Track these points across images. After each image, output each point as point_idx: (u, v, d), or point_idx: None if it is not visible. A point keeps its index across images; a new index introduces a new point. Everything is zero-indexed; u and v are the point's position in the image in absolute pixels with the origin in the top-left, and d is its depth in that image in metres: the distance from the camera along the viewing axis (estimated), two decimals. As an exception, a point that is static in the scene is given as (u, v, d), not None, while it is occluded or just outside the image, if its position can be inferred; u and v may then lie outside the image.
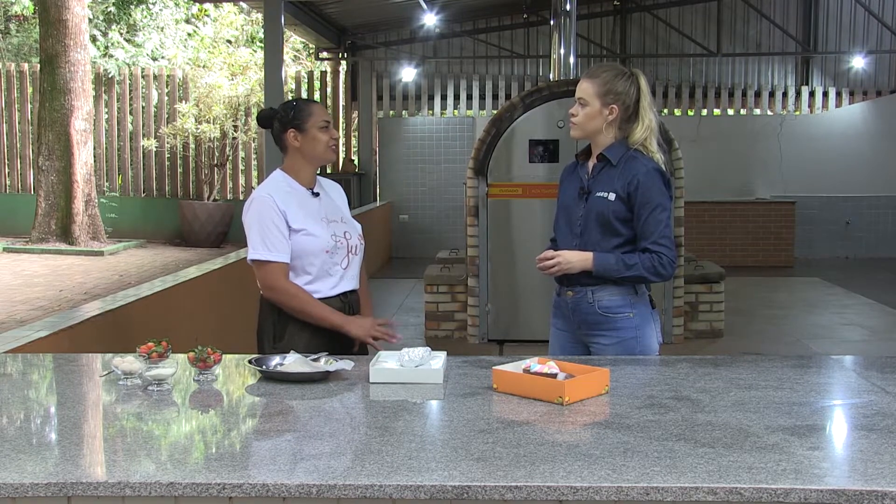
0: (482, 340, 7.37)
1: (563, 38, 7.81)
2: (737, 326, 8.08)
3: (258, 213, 3.14)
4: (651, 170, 3.09)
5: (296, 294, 3.13)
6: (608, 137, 3.15)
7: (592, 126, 3.13)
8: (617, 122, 3.13)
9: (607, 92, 3.09)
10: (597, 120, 3.12)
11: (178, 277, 5.48)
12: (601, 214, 3.09)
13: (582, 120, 3.14)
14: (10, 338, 3.62)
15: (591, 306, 3.14)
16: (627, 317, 3.13)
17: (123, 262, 12.84)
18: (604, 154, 3.14)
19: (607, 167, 3.14)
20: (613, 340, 3.13)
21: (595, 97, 3.10)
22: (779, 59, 14.83)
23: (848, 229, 13.67)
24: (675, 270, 3.13)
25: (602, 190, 3.11)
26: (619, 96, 3.10)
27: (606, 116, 3.11)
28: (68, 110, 13.73)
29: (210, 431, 2.25)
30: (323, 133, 3.22)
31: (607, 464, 1.89)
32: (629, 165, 3.10)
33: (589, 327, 3.17)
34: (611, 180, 3.11)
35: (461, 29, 14.85)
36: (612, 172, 3.11)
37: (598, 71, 3.16)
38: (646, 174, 3.07)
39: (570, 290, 3.19)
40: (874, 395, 2.47)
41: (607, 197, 3.09)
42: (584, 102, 3.13)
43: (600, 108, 3.11)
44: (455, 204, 13.42)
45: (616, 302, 3.12)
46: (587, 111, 3.12)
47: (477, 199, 7.30)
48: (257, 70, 14.39)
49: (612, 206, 3.08)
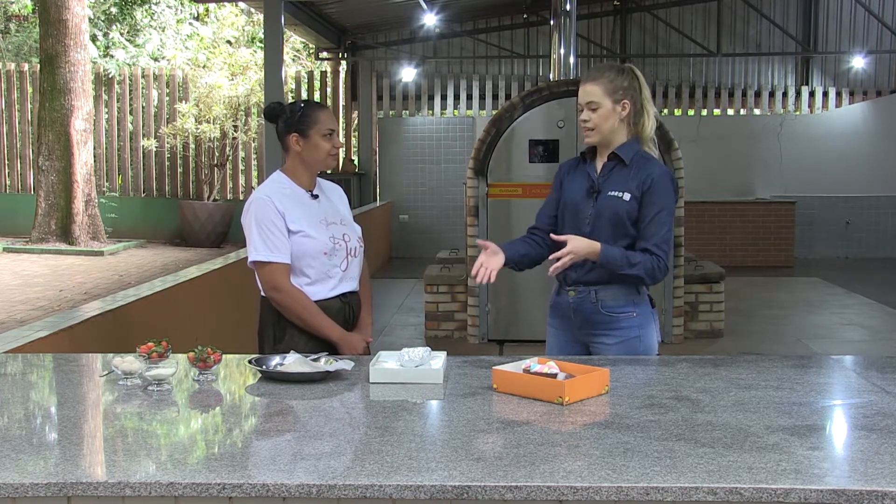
0: (482, 340, 7.37)
1: (563, 38, 7.81)
2: (737, 326, 8.08)
3: (257, 214, 3.13)
4: (665, 172, 3.09)
5: (299, 300, 3.12)
6: (621, 136, 3.12)
7: (608, 126, 3.09)
8: (628, 118, 3.10)
9: (616, 89, 3.07)
10: (612, 119, 3.09)
11: (178, 277, 5.47)
12: (616, 214, 3.06)
13: (598, 122, 3.09)
14: (10, 338, 3.61)
15: (594, 306, 3.12)
16: (630, 316, 3.12)
17: (123, 262, 12.84)
18: (616, 153, 3.11)
19: (619, 166, 3.11)
20: (617, 340, 3.11)
21: (605, 96, 3.07)
22: (779, 59, 14.83)
23: (848, 229, 13.67)
24: (665, 276, 3.11)
25: (615, 189, 3.08)
26: (628, 91, 3.08)
27: (620, 113, 3.08)
28: (68, 110, 13.73)
29: (210, 431, 2.25)
30: (325, 141, 3.19)
31: (607, 464, 1.89)
32: (643, 166, 3.08)
33: (591, 327, 3.15)
34: (624, 180, 3.08)
35: (461, 29, 14.85)
36: (625, 172, 3.09)
37: (599, 72, 3.13)
38: (660, 176, 3.06)
39: (571, 289, 3.17)
40: (874, 395, 2.47)
41: (622, 197, 3.06)
42: (594, 106, 3.08)
43: (612, 106, 3.07)
44: (455, 204, 13.42)
45: (619, 302, 3.11)
46: (601, 112, 3.08)
47: (477, 199, 7.30)
48: (257, 70, 14.39)
49: (626, 206, 3.06)
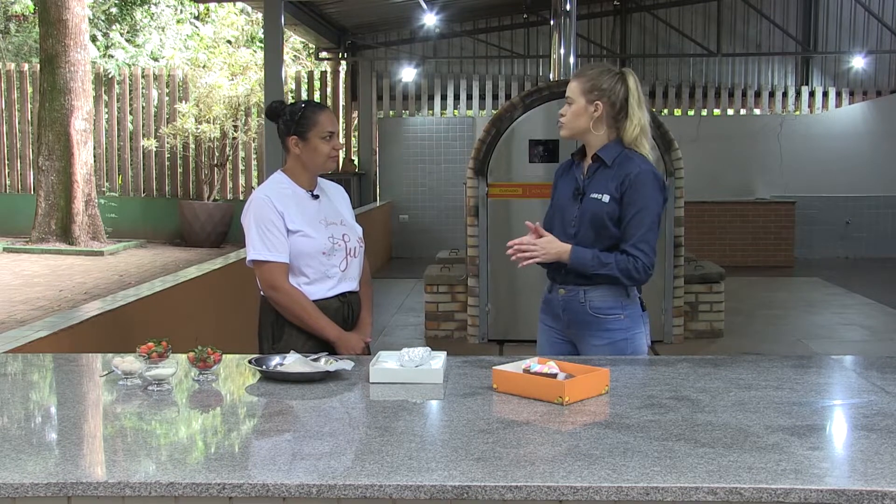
0: (482, 340, 7.38)
1: (563, 38, 7.80)
2: (737, 326, 8.07)
3: (256, 214, 3.14)
4: (644, 171, 3.05)
5: (297, 299, 3.13)
6: (601, 137, 3.11)
7: (578, 124, 3.10)
8: (605, 119, 3.09)
9: (592, 88, 3.07)
10: (583, 118, 3.09)
11: (177, 277, 5.48)
12: (596, 216, 3.06)
13: (568, 118, 3.12)
14: (10, 338, 3.62)
15: (582, 306, 3.11)
16: (618, 318, 3.10)
17: (123, 262, 12.84)
18: (598, 154, 3.12)
19: (602, 168, 3.11)
20: (604, 342, 3.09)
21: (580, 94, 3.08)
22: (779, 59, 14.83)
23: (848, 229, 13.67)
24: (649, 276, 3.06)
25: (596, 192, 3.08)
26: (605, 93, 3.06)
27: (592, 113, 3.08)
28: (68, 110, 13.72)
29: (210, 431, 2.25)
30: (325, 143, 3.19)
31: (607, 464, 1.89)
32: (623, 166, 3.07)
33: (579, 327, 3.14)
34: (605, 182, 3.08)
35: (461, 29, 14.85)
36: (607, 173, 3.09)
37: (585, 69, 3.15)
38: (638, 174, 3.04)
39: (562, 287, 3.16)
40: (874, 395, 2.47)
41: (601, 199, 3.06)
42: (570, 101, 3.11)
43: (585, 104, 3.08)
44: (455, 204, 13.42)
45: (608, 303, 3.09)
46: (573, 109, 3.10)
47: (477, 199, 7.31)
48: (257, 70, 14.39)
49: (606, 207, 3.05)
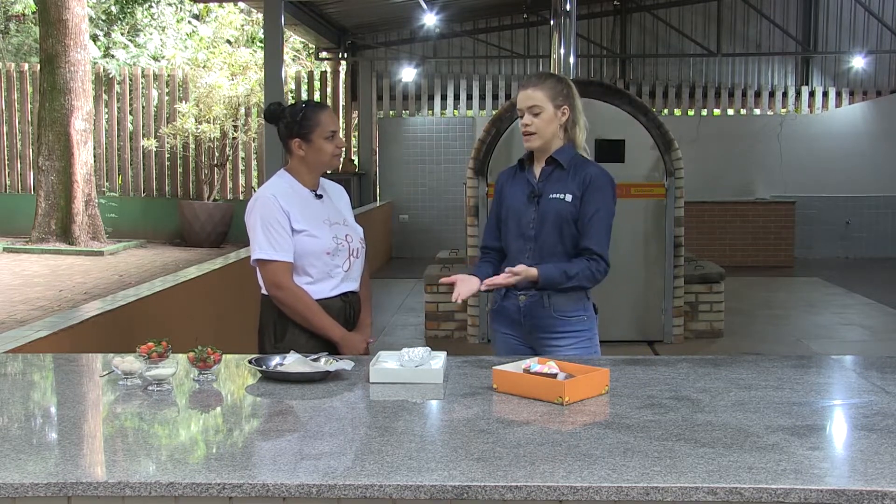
0: (482, 340, 7.37)
1: (563, 38, 7.79)
2: (737, 326, 8.07)
3: (262, 213, 3.14)
4: (602, 173, 3.18)
5: (301, 298, 3.13)
6: (558, 141, 3.19)
7: (550, 131, 3.16)
8: (566, 123, 3.18)
9: (556, 95, 3.15)
10: (553, 124, 3.16)
11: (177, 277, 5.48)
12: (559, 215, 3.12)
13: (541, 126, 3.15)
14: (10, 338, 3.62)
15: (546, 311, 3.15)
16: (582, 319, 3.18)
17: (123, 262, 12.84)
18: (554, 157, 3.17)
19: (557, 170, 3.18)
20: (570, 342, 3.16)
21: (548, 101, 3.14)
22: (779, 59, 14.83)
23: (848, 229, 13.67)
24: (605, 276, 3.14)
25: (556, 192, 3.14)
26: (567, 98, 3.17)
27: (560, 119, 3.16)
28: (68, 110, 13.72)
29: (210, 431, 2.25)
30: (328, 143, 3.20)
31: (607, 464, 1.89)
32: (580, 167, 3.16)
33: (543, 331, 3.18)
34: (564, 182, 3.15)
35: (461, 29, 14.85)
36: (564, 175, 3.16)
37: (541, 78, 3.21)
38: (598, 175, 3.14)
39: (522, 294, 3.18)
40: (874, 395, 2.48)
41: (564, 198, 3.13)
42: (537, 110, 3.14)
43: (554, 111, 3.14)
44: (455, 204, 13.42)
45: (571, 305, 3.16)
46: (543, 117, 3.14)
47: (477, 199, 7.31)
48: (257, 70, 14.39)
49: (569, 206, 3.12)
